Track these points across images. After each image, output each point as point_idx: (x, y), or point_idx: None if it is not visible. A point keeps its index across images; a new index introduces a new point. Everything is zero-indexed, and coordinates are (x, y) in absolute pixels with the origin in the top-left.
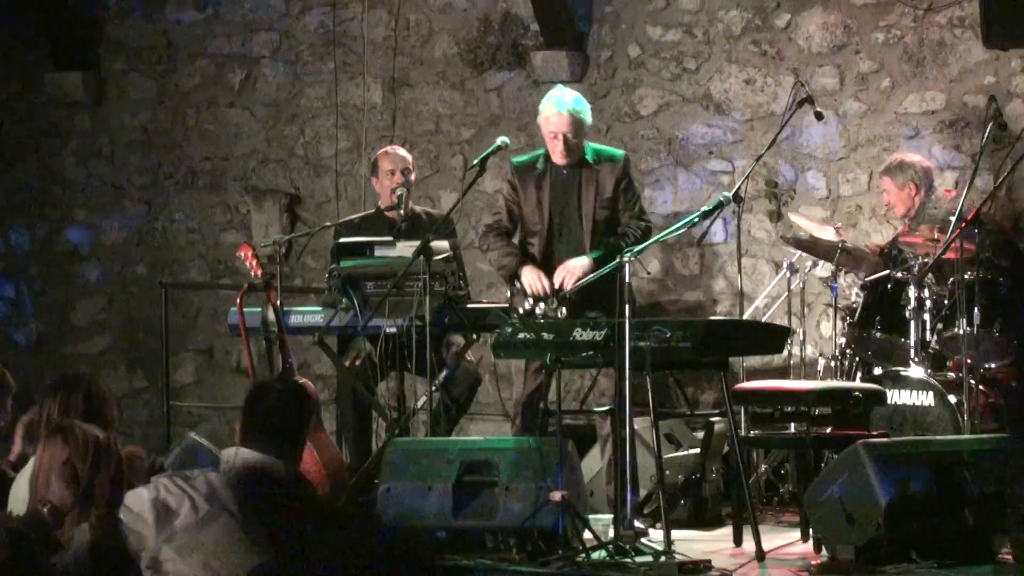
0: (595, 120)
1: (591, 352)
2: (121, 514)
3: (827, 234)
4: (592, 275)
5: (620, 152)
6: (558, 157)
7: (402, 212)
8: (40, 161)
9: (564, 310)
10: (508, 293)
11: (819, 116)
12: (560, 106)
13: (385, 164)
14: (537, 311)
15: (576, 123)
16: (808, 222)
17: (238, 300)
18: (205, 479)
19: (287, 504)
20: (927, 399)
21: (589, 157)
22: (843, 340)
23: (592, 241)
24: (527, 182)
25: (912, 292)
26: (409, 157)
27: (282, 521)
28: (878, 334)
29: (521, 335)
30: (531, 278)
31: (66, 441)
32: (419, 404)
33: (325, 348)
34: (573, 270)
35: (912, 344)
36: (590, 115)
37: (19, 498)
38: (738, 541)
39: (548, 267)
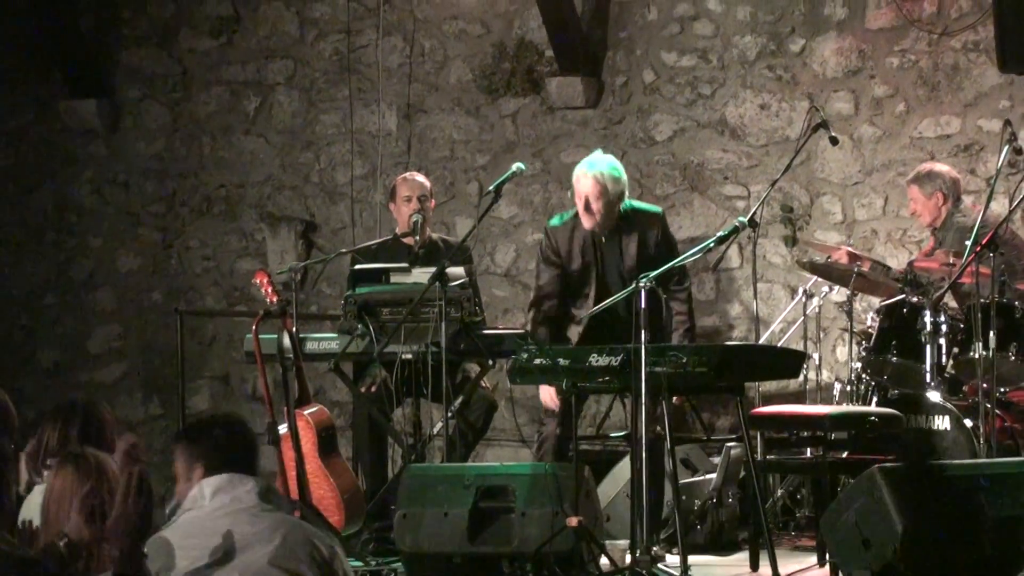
0: (610, 146)
1: (607, 378)
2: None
3: (844, 261)
4: (599, 306)
5: (657, 209)
6: (586, 221)
7: (418, 238)
8: (55, 189)
9: None
10: None
11: (834, 141)
12: (591, 171)
13: (403, 190)
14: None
15: (604, 192)
16: (829, 250)
17: (254, 327)
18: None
19: None
20: (943, 423)
21: (625, 216)
22: (859, 365)
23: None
24: (567, 242)
25: (928, 316)
26: (427, 184)
27: None
28: (894, 358)
29: (537, 361)
30: (545, 396)
31: (79, 470)
32: (435, 430)
33: (341, 374)
34: None
35: (928, 368)
36: (624, 177)
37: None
38: (755, 566)
39: (597, 328)
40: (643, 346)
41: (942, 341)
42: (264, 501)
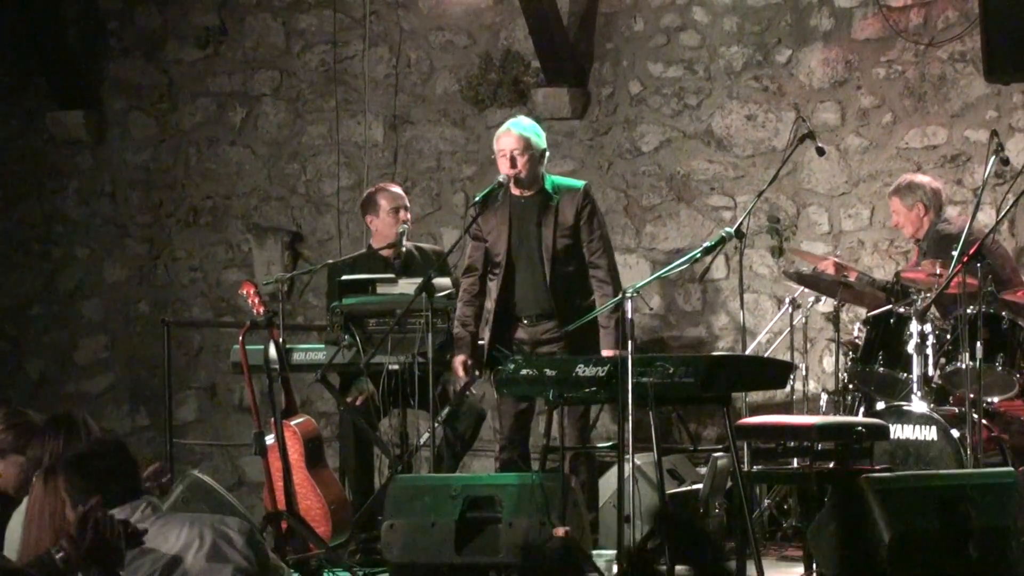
0: (597, 157)
1: (594, 388)
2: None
3: (830, 272)
4: (590, 314)
5: (580, 182)
6: (503, 170)
7: (404, 249)
8: (42, 200)
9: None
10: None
11: (820, 151)
12: (510, 126)
13: (386, 203)
14: (469, 393)
15: (523, 142)
16: (815, 260)
17: (240, 338)
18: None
19: None
20: (930, 434)
21: (548, 188)
22: (845, 375)
23: (552, 273)
24: (488, 214)
25: (914, 327)
26: (404, 194)
27: None
28: (880, 369)
29: (524, 371)
30: (456, 367)
31: (47, 485)
32: (422, 441)
33: (327, 385)
34: None
35: (915, 379)
36: (544, 141)
37: (13, 540)
38: None
39: (508, 297)
40: (630, 356)
41: (929, 351)
42: (155, 513)
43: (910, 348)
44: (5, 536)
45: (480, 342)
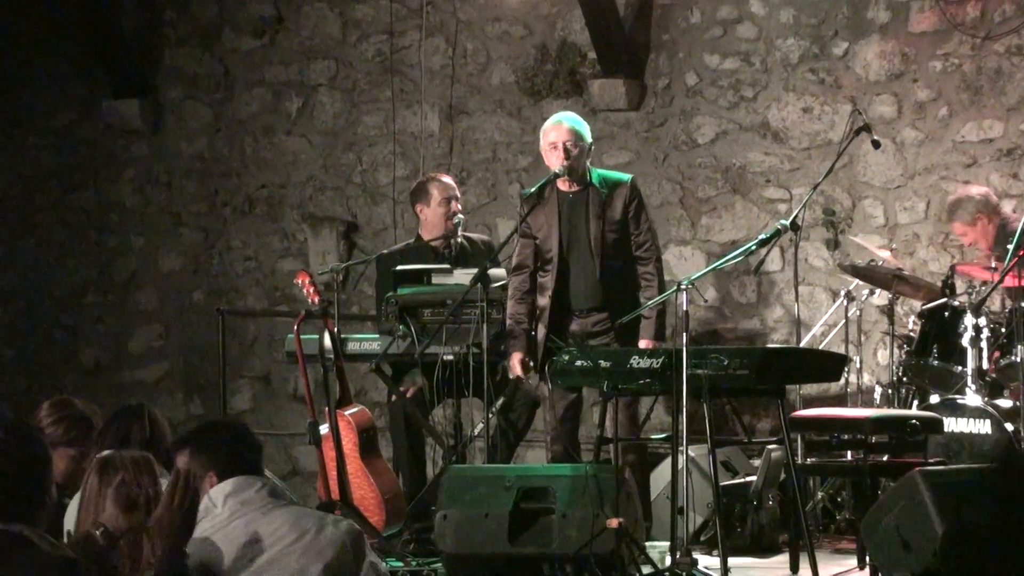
0: (652, 148)
1: (648, 380)
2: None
3: (885, 256)
4: (645, 306)
5: (627, 176)
6: (555, 163)
7: (460, 239)
8: (97, 188)
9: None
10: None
11: (876, 144)
12: (559, 119)
13: (438, 193)
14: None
15: (574, 134)
16: (870, 247)
17: (295, 327)
18: None
19: None
20: (984, 427)
21: (595, 181)
22: (900, 368)
23: (602, 266)
24: (536, 211)
25: (969, 320)
26: (454, 183)
27: None
28: (935, 362)
29: (579, 363)
30: (514, 366)
31: (105, 471)
32: (476, 431)
33: (382, 375)
34: None
35: (969, 372)
36: (590, 135)
37: (69, 529)
38: (795, 568)
39: (562, 291)
40: (684, 348)
41: (983, 345)
42: (272, 497)
43: (964, 341)
44: (63, 526)
45: (536, 337)
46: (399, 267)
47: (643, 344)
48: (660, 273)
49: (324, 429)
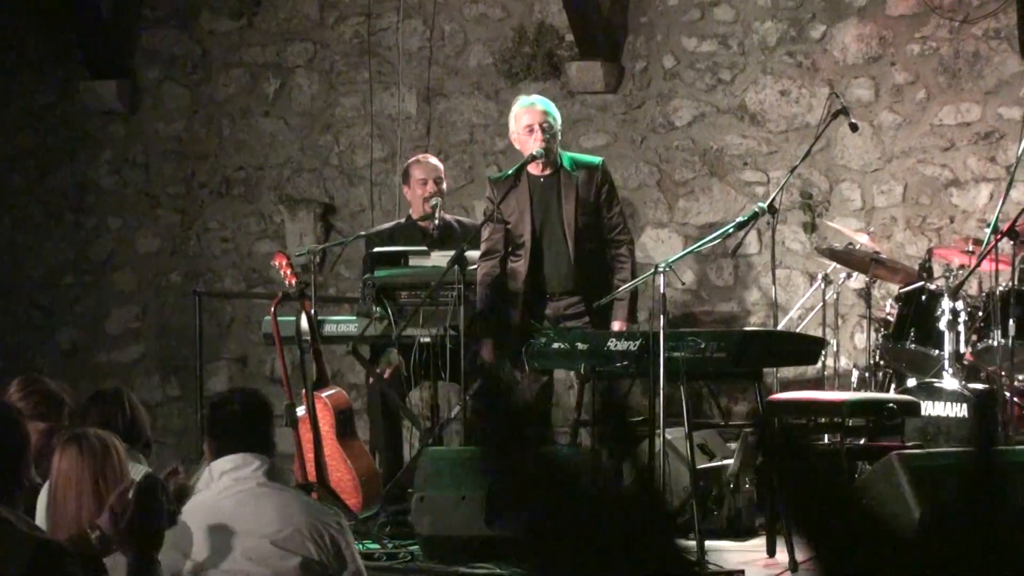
0: (630, 131)
1: (625, 362)
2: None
3: (863, 240)
4: (626, 285)
5: (597, 159)
6: (532, 146)
7: (437, 222)
8: (75, 169)
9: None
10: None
11: (854, 128)
12: (533, 101)
13: (417, 173)
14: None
15: (549, 116)
16: (847, 231)
17: (272, 309)
18: None
19: None
20: (961, 411)
21: (566, 164)
22: (877, 351)
23: (576, 250)
24: (508, 196)
25: (946, 304)
26: (441, 166)
27: None
28: (912, 345)
29: (555, 345)
30: (485, 353)
31: (83, 450)
32: (452, 413)
33: (359, 357)
34: None
35: (946, 356)
36: (560, 121)
37: (40, 509)
38: (771, 551)
39: (536, 279)
40: (661, 331)
41: (961, 328)
42: (270, 479)
43: (942, 325)
44: (36, 506)
45: (510, 322)
46: (375, 249)
47: (616, 326)
48: (633, 255)
49: (301, 411)
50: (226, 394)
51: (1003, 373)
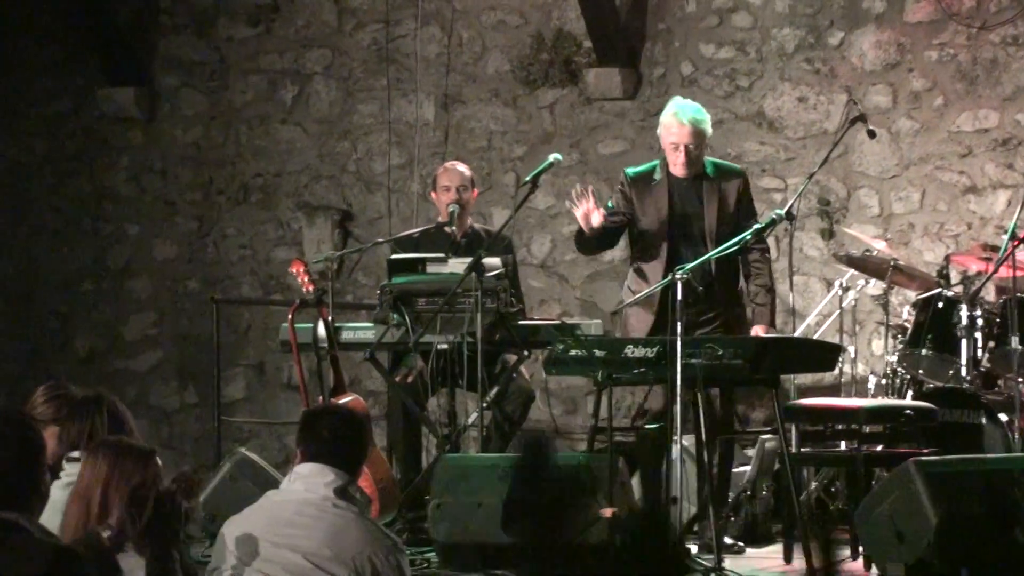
0: (648, 138)
1: (642, 369)
2: None
3: (881, 246)
4: (643, 293)
5: (739, 167)
6: (679, 169)
7: (454, 228)
8: (92, 176)
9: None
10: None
11: (872, 134)
12: (682, 116)
13: (442, 180)
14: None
15: (698, 134)
16: (864, 238)
17: (290, 316)
18: None
19: None
20: (978, 417)
21: (709, 171)
22: (894, 358)
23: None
24: (643, 193)
25: (964, 310)
26: (467, 173)
27: None
28: (929, 352)
29: (573, 352)
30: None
31: (121, 458)
32: (470, 420)
33: (376, 364)
34: None
35: (963, 362)
36: (710, 126)
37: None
38: (788, 558)
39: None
40: (679, 338)
41: (978, 335)
42: (338, 497)
43: (959, 331)
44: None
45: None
46: (393, 256)
47: (759, 331)
48: (769, 262)
49: None
50: (320, 410)
51: (1020, 380)
